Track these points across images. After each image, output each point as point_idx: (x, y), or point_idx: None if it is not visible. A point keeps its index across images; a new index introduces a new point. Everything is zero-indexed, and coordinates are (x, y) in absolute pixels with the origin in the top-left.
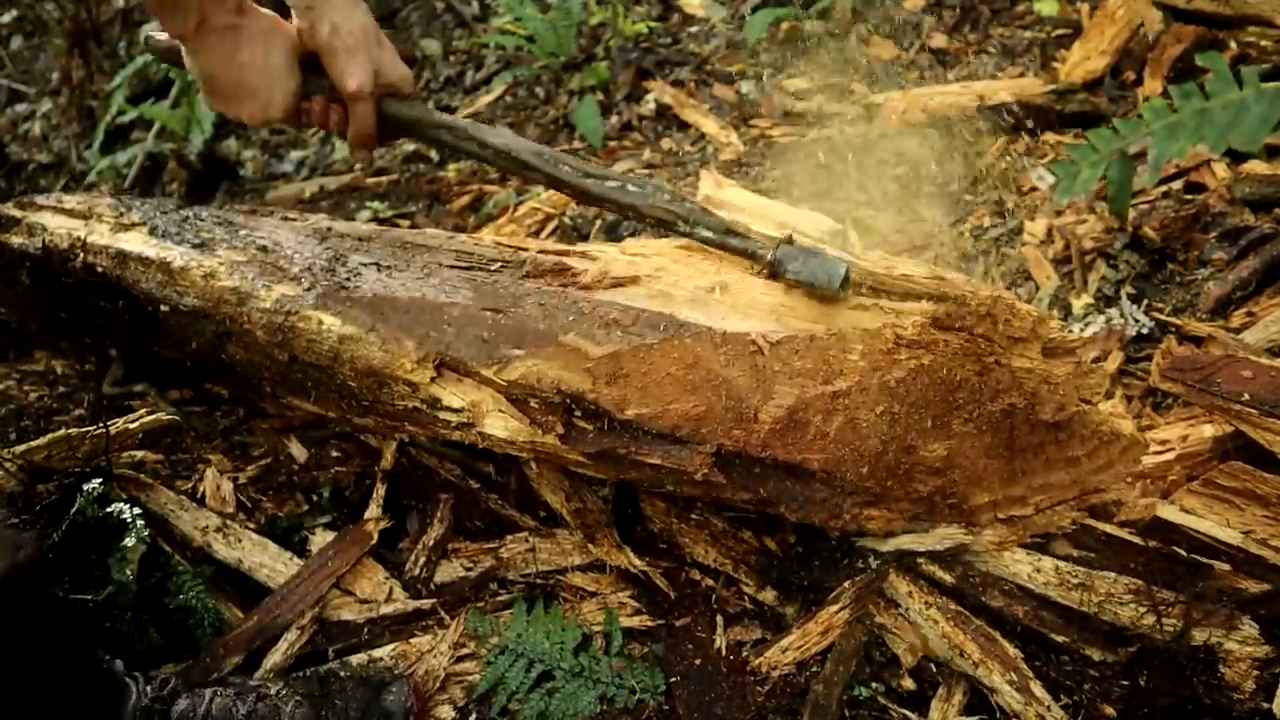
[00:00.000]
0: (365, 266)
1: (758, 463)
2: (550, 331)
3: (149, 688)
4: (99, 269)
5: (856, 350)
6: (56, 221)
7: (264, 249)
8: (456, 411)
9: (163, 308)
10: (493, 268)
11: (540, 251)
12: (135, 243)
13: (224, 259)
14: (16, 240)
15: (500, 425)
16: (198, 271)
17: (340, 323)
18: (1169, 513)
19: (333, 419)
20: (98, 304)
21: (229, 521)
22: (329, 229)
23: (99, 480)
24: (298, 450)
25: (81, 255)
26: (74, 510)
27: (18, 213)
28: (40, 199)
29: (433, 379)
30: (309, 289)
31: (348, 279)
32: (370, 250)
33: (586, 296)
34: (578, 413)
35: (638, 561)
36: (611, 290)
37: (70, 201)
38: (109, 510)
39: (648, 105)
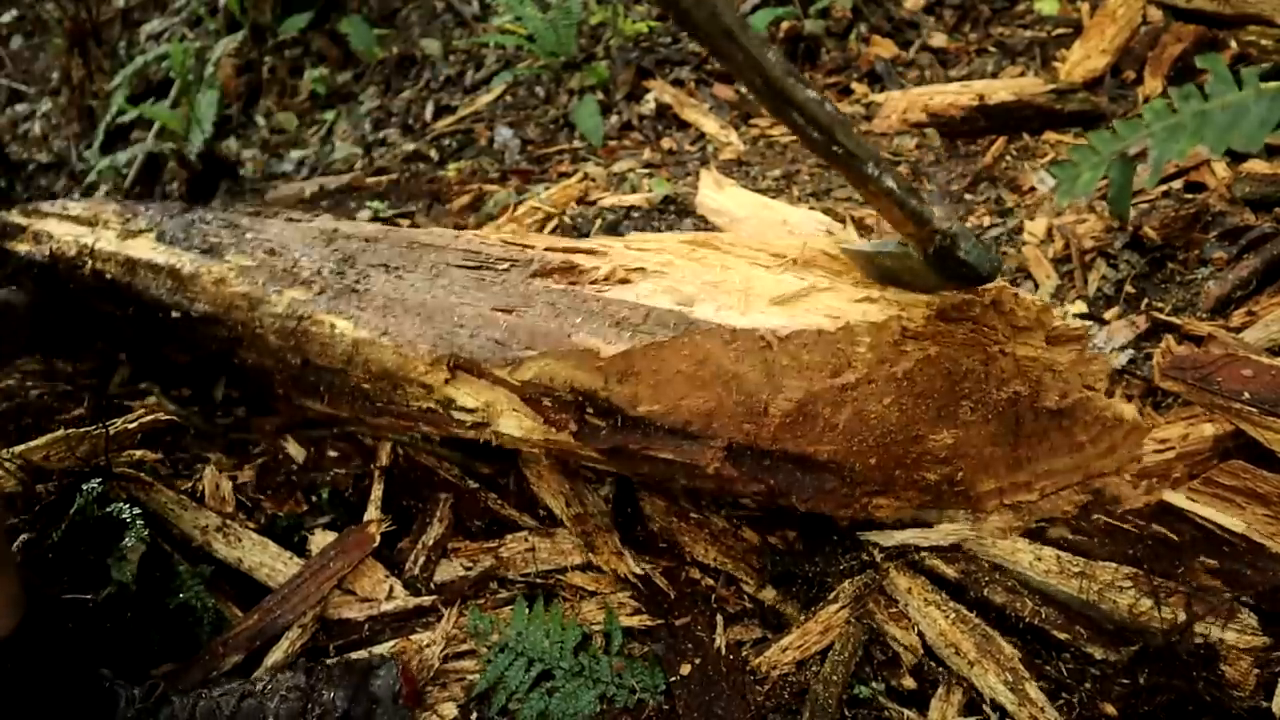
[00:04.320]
0: (374, 268)
1: (768, 455)
2: (561, 331)
3: (137, 692)
4: (107, 276)
5: (864, 343)
6: (63, 229)
7: (272, 252)
8: (471, 411)
9: (173, 314)
10: (501, 267)
11: (547, 249)
12: (143, 249)
13: (233, 264)
14: (23, 248)
15: (514, 424)
16: (208, 278)
17: (353, 326)
18: (1173, 497)
19: (346, 418)
20: (106, 310)
21: (229, 521)
22: (335, 230)
23: (98, 480)
24: (295, 450)
25: (90, 262)
26: (74, 510)
27: (23, 220)
28: (45, 206)
29: (447, 380)
30: (320, 292)
31: (357, 281)
32: (378, 251)
33: (596, 294)
34: (590, 410)
35: (637, 569)
36: (620, 287)
37: (75, 208)
38: (109, 510)
39: (648, 104)
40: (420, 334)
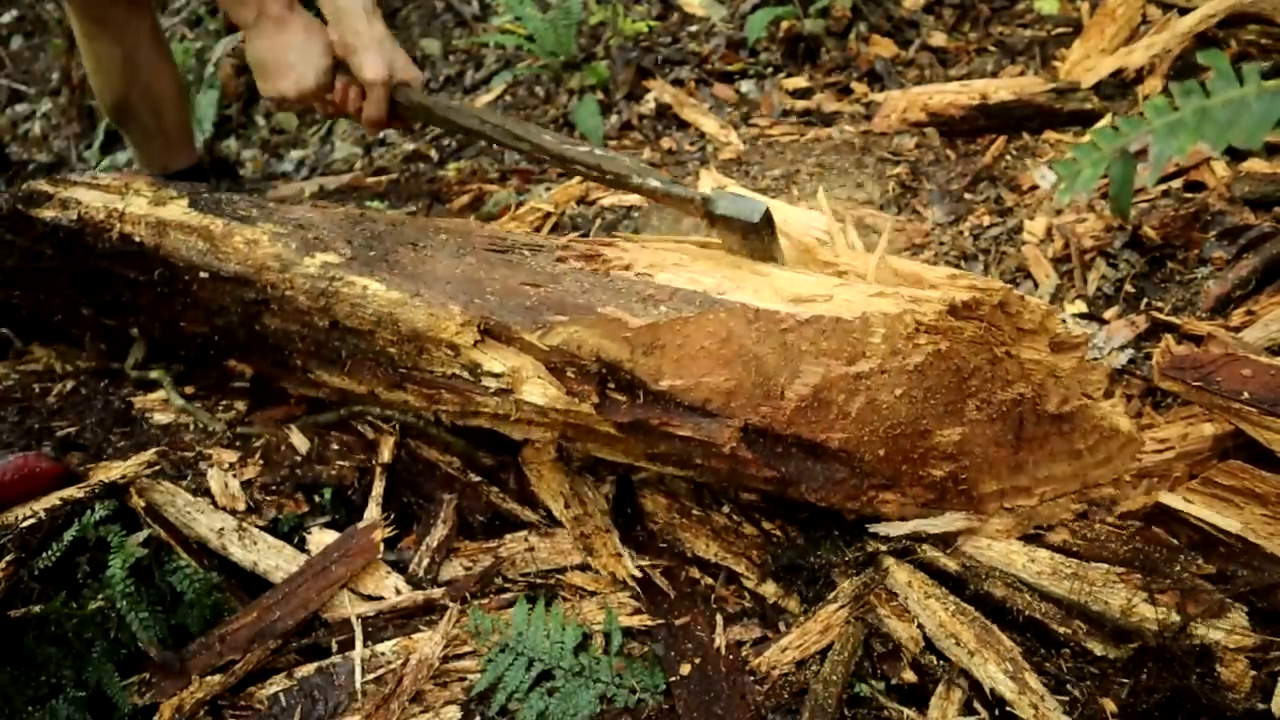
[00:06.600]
0: (401, 246)
1: (781, 440)
2: (590, 304)
3: None
4: (136, 239)
5: (879, 333)
6: (92, 196)
7: (301, 226)
8: (497, 377)
9: (202, 274)
10: (526, 252)
11: (570, 242)
12: (176, 213)
13: (265, 229)
14: (48, 214)
15: (538, 392)
16: (240, 239)
17: (385, 288)
18: (1169, 499)
19: (360, 395)
20: (128, 276)
21: (243, 523)
22: (360, 215)
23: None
24: (299, 440)
25: (118, 225)
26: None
27: (50, 188)
28: (74, 175)
29: (476, 342)
30: (352, 259)
31: (387, 254)
32: (403, 233)
33: (622, 275)
34: (612, 384)
35: (635, 571)
36: (644, 273)
37: (106, 178)
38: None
39: (648, 104)
40: (451, 297)
